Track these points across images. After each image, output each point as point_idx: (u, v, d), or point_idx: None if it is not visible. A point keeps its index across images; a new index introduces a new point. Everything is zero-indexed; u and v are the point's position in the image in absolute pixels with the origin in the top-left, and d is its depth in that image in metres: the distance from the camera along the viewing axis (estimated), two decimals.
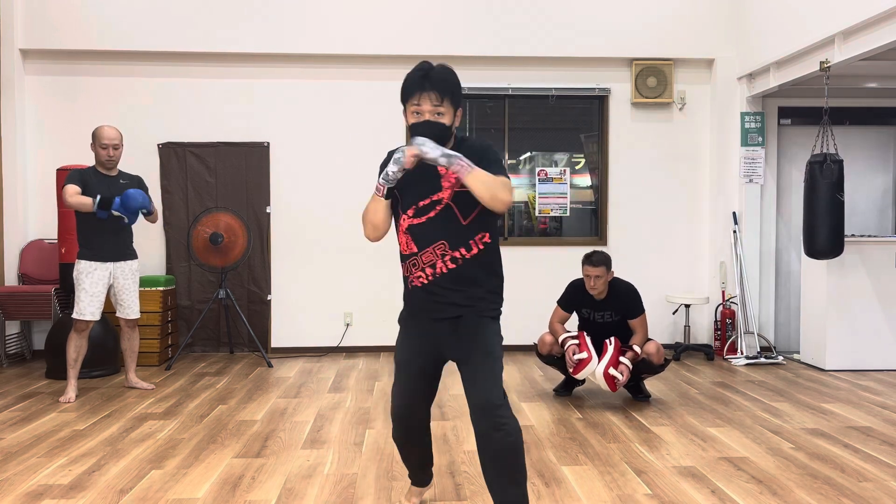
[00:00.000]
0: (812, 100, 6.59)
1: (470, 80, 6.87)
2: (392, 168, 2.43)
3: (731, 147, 6.87)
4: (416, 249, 2.52)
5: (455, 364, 2.57)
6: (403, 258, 2.59)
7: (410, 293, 2.60)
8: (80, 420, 4.43)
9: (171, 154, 6.75)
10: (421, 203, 2.50)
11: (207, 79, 6.78)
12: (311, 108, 6.85)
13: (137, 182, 5.19)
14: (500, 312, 2.59)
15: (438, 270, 2.50)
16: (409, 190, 2.52)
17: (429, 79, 2.44)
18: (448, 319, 2.52)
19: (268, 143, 6.82)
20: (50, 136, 6.68)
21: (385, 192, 2.49)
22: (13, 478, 3.41)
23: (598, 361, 4.63)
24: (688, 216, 7.07)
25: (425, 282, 2.52)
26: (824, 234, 5.48)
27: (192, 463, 3.63)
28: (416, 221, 2.51)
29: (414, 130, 2.45)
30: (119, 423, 4.35)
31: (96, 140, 5.01)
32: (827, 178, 5.45)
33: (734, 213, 6.79)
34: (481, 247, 2.51)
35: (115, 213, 4.87)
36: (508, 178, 2.45)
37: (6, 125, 6.44)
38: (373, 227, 2.58)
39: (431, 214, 2.49)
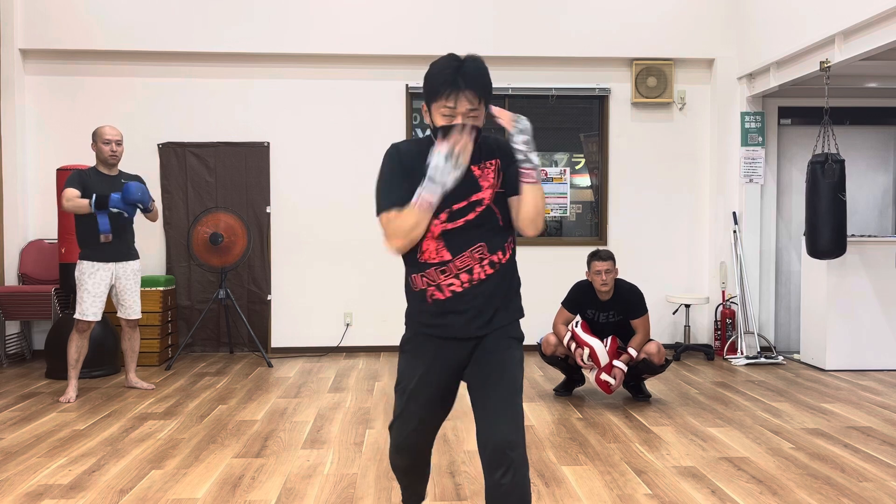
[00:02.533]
0: (812, 100, 6.59)
1: None
2: (448, 171, 2.10)
3: (731, 147, 6.87)
4: (449, 256, 2.19)
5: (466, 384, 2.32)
6: (422, 267, 2.22)
7: (431, 308, 2.24)
8: (80, 420, 4.43)
9: (171, 154, 6.75)
10: (456, 206, 2.18)
11: (207, 79, 6.78)
12: (311, 108, 6.85)
13: (138, 181, 5.19)
14: (521, 335, 2.32)
15: (476, 276, 2.19)
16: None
17: (464, 75, 2.12)
18: (474, 338, 2.24)
19: (268, 143, 6.82)
20: (50, 136, 6.68)
21: (437, 201, 2.13)
22: (13, 478, 3.41)
23: (602, 344, 4.72)
24: (688, 216, 7.07)
25: (458, 290, 2.20)
26: (827, 234, 5.47)
27: (192, 463, 3.63)
28: (450, 226, 2.18)
29: (445, 133, 2.11)
30: (119, 423, 4.35)
31: (98, 138, 5.01)
32: (829, 178, 5.45)
33: (734, 213, 6.79)
34: (510, 252, 2.26)
35: (114, 210, 4.87)
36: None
37: (6, 125, 6.44)
38: (409, 242, 2.18)
39: (470, 217, 2.19)
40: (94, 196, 4.83)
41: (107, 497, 3.17)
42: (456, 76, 2.11)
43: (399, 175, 2.21)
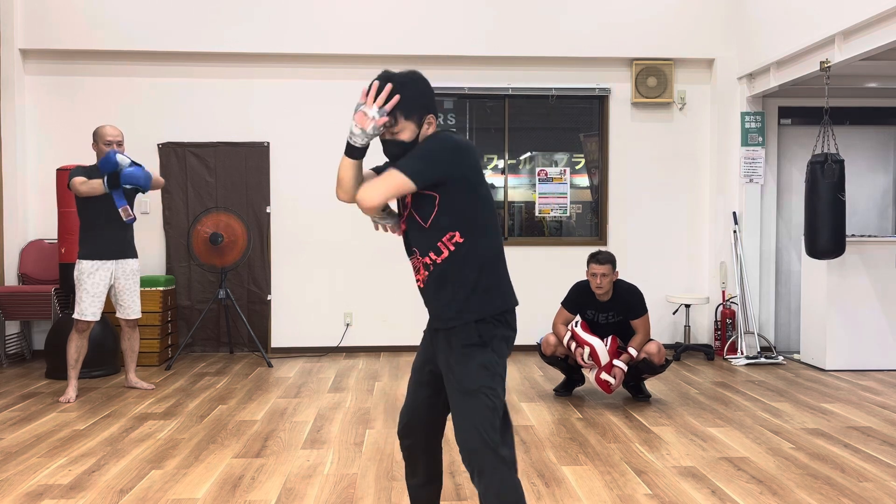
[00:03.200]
0: (812, 100, 6.58)
1: (470, 80, 6.88)
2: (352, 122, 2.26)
3: (731, 147, 6.87)
4: (409, 256, 2.40)
5: None
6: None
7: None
8: (80, 420, 4.43)
9: (171, 154, 6.75)
10: (405, 213, 2.35)
11: (207, 79, 6.78)
12: (311, 108, 6.85)
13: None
14: (493, 335, 2.26)
15: (421, 278, 2.33)
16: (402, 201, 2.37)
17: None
18: (441, 331, 2.32)
19: (268, 143, 6.82)
20: (50, 136, 6.68)
21: (348, 149, 2.26)
22: (13, 478, 3.41)
23: (602, 342, 4.72)
24: (688, 216, 7.07)
25: (420, 286, 2.36)
26: (826, 234, 5.47)
27: (192, 463, 3.63)
28: (404, 228, 2.38)
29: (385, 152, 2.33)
30: (119, 423, 4.35)
31: (99, 138, 5.01)
32: (828, 179, 5.45)
33: (734, 213, 6.79)
34: (452, 248, 2.24)
35: (127, 186, 4.87)
36: (406, 171, 2.19)
37: (6, 125, 6.44)
38: (347, 196, 2.33)
39: (409, 222, 2.34)
40: (105, 176, 4.83)
41: (107, 497, 3.17)
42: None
43: None
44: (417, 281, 2.36)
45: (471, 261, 2.25)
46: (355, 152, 2.26)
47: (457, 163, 2.24)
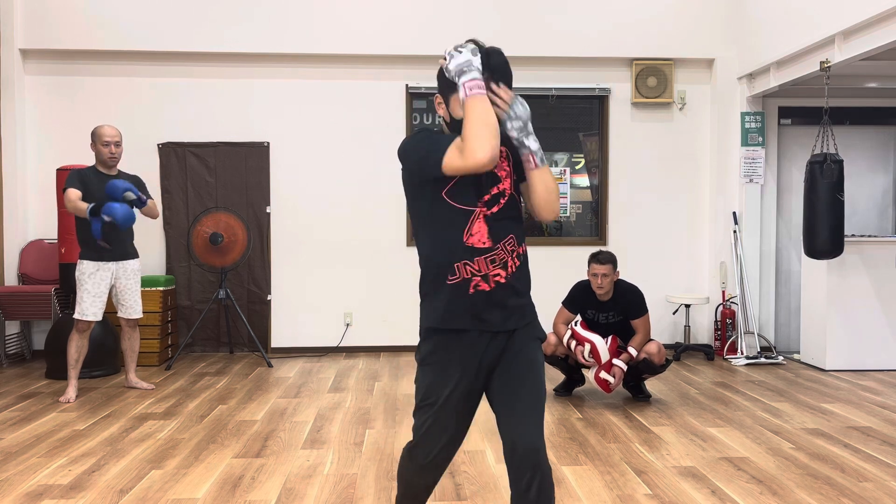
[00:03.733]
0: (812, 100, 6.58)
1: None
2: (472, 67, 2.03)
3: (731, 147, 6.87)
4: (492, 244, 2.10)
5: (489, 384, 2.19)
6: (469, 254, 2.09)
7: (471, 300, 2.11)
8: (80, 420, 4.43)
9: (171, 154, 6.75)
10: (486, 196, 2.11)
11: (207, 79, 6.78)
12: (311, 108, 6.85)
13: (137, 182, 5.19)
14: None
15: (510, 269, 2.13)
16: (466, 178, 2.08)
17: (492, 68, 2.07)
18: (506, 333, 2.15)
19: (268, 143, 6.82)
20: (50, 136, 6.68)
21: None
22: (13, 478, 3.41)
23: (603, 340, 4.72)
24: (688, 216, 7.07)
25: (502, 281, 2.11)
26: (825, 234, 5.47)
27: (192, 463, 3.63)
28: (490, 211, 2.11)
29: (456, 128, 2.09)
30: (119, 423, 4.35)
31: (97, 139, 5.01)
32: (827, 178, 5.45)
33: (734, 213, 6.79)
34: (525, 246, 2.22)
35: (107, 218, 4.83)
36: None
37: (6, 125, 6.44)
38: (496, 142, 1.97)
39: (501, 204, 2.12)
40: (92, 204, 4.83)
41: (107, 497, 3.17)
42: (485, 69, 2.05)
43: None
44: (498, 275, 2.11)
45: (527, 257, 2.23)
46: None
47: None
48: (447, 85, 2.10)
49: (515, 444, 2.04)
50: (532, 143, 2.09)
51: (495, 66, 2.07)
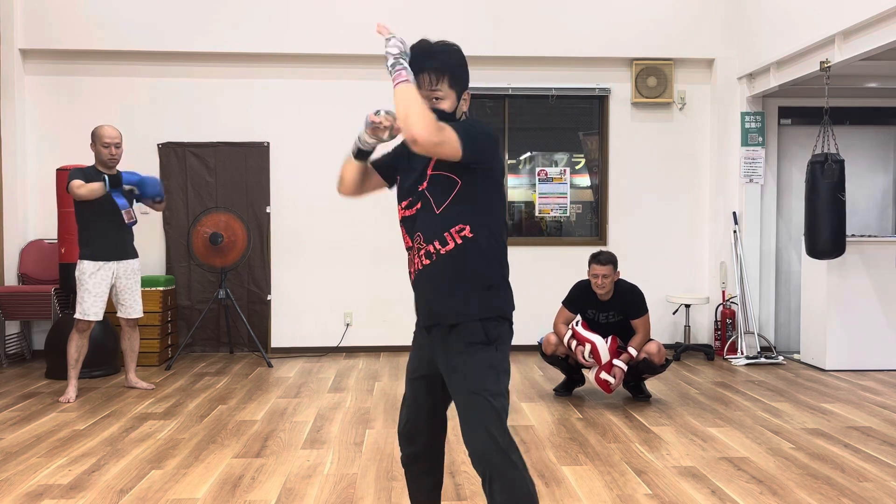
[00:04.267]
0: (812, 100, 6.58)
1: (470, 79, 6.87)
2: (361, 129, 2.23)
3: (731, 147, 6.87)
4: (409, 243, 2.25)
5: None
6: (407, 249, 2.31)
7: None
8: (80, 420, 4.43)
9: (171, 154, 6.75)
10: (410, 197, 2.24)
11: (207, 79, 6.78)
12: (311, 108, 6.85)
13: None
14: (498, 334, 2.18)
15: (416, 266, 2.22)
16: (404, 179, 2.27)
17: (428, 57, 2.18)
18: (437, 327, 2.22)
19: (268, 143, 6.82)
20: (50, 136, 6.68)
21: (355, 151, 2.28)
22: (13, 478, 3.41)
23: (603, 340, 4.72)
24: (688, 216, 7.07)
25: (412, 278, 2.27)
26: (826, 234, 5.47)
27: (192, 463, 3.63)
28: (407, 213, 2.25)
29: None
30: (119, 423, 4.35)
31: (97, 139, 5.01)
32: (828, 178, 5.45)
33: (734, 213, 6.79)
34: (458, 241, 2.15)
35: (128, 186, 4.87)
36: (460, 137, 2.04)
37: (6, 125, 6.44)
38: (339, 180, 2.37)
39: (418, 206, 2.21)
40: (105, 178, 4.83)
41: (107, 497, 3.17)
42: (422, 58, 2.17)
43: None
44: (411, 272, 2.25)
45: (477, 257, 2.17)
46: (362, 155, 2.27)
47: (493, 153, 2.18)
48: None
49: (468, 449, 2.13)
50: (391, 59, 2.11)
51: (433, 59, 2.20)
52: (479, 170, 2.15)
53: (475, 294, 2.17)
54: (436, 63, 2.17)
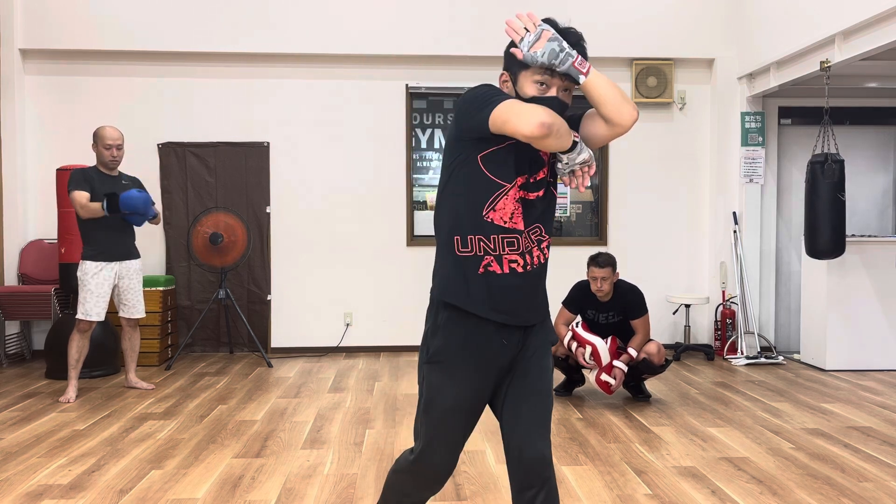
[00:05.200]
0: (812, 100, 6.59)
1: (471, 79, 6.87)
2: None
3: (731, 147, 6.87)
4: (522, 227, 1.94)
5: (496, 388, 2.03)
6: (484, 229, 1.91)
7: (481, 281, 1.92)
8: (80, 420, 4.43)
9: (171, 154, 6.75)
10: (532, 179, 1.98)
11: (207, 79, 6.78)
12: (311, 108, 6.85)
13: (137, 184, 5.19)
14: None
15: (536, 259, 1.97)
16: (518, 155, 1.96)
17: (574, 45, 1.99)
18: (523, 328, 1.98)
19: (268, 143, 6.82)
20: (50, 136, 6.68)
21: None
22: (13, 478, 3.41)
23: (604, 342, 4.71)
24: (688, 216, 7.07)
25: (520, 270, 1.93)
26: (826, 234, 5.48)
27: (192, 463, 3.63)
28: (529, 196, 1.97)
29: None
30: (119, 423, 4.35)
31: (99, 141, 5.01)
32: (828, 178, 5.45)
33: (734, 213, 6.79)
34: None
35: (126, 211, 4.90)
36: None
37: (6, 125, 6.44)
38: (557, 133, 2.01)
39: (540, 193, 1.99)
40: (104, 200, 4.83)
41: (107, 497, 3.17)
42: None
43: None
44: (518, 264, 1.94)
45: None
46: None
47: None
48: (518, 63, 2.01)
49: (522, 454, 1.91)
50: (572, 51, 1.97)
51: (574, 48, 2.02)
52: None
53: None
54: (581, 51, 2.02)
